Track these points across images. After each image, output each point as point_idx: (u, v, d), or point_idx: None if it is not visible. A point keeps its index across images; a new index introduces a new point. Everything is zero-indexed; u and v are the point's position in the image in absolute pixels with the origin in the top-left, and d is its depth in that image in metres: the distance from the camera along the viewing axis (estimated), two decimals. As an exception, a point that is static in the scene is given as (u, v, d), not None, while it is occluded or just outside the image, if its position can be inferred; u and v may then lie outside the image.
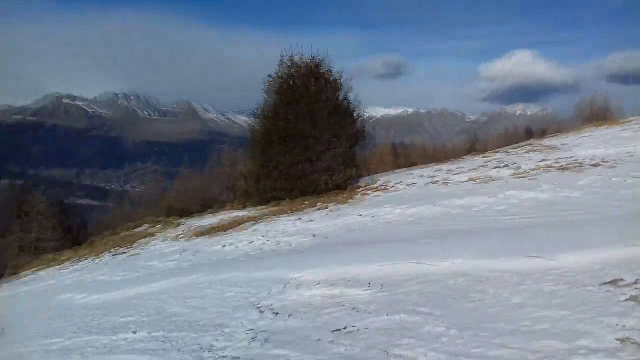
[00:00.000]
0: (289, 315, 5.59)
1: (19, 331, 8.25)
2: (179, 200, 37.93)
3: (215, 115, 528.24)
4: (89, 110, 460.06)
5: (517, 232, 7.40)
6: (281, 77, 18.39)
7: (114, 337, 6.23)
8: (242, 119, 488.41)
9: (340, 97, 18.81)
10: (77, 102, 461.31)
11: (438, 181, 14.45)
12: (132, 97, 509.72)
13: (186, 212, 29.46)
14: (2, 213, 29.09)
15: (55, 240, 26.73)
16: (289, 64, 18.33)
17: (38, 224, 26.73)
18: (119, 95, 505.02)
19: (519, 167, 13.88)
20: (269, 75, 18.75)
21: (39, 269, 16.44)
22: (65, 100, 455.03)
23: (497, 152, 19.65)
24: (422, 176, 15.95)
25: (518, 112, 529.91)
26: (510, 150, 18.88)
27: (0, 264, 24.40)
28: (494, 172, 13.94)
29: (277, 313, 5.73)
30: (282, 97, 18.04)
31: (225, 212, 18.47)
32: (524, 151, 17.58)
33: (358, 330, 4.74)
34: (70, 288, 10.98)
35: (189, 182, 41.20)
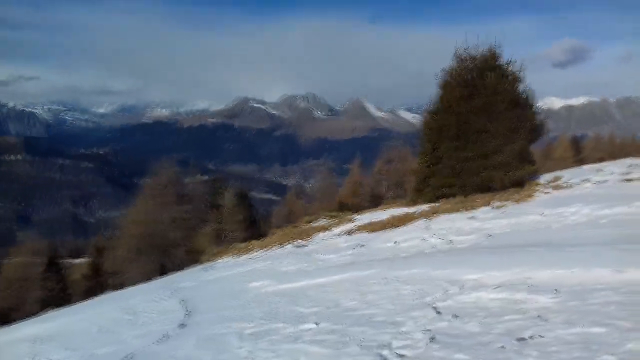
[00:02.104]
0: (468, 318, 5.33)
1: (212, 314, 8.94)
2: (350, 195, 39.05)
3: (384, 113, 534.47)
4: (271, 112, 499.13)
5: None
6: (455, 71, 17.79)
7: (298, 327, 6.47)
8: (410, 116, 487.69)
9: (519, 89, 17.59)
10: (261, 105, 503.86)
11: (633, 179, 12.65)
12: (308, 98, 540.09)
13: (357, 208, 30.22)
14: (201, 206, 32.87)
15: (242, 231, 29.51)
16: (464, 56, 17.66)
17: (229, 215, 29.74)
18: (297, 97, 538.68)
19: None
20: (443, 70, 18.27)
21: (229, 257, 18.16)
22: (251, 104, 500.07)
23: None
24: (612, 173, 14.14)
25: None
26: None
27: (198, 251, 27.75)
28: None
29: (455, 315, 5.50)
30: (455, 91, 17.45)
31: (395, 208, 18.48)
32: None
33: (547, 342, 4.32)
34: (259, 276, 11.71)
35: (359, 178, 42.14)
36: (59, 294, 35.64)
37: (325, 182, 47.22)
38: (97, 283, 38.38)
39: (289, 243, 16.36)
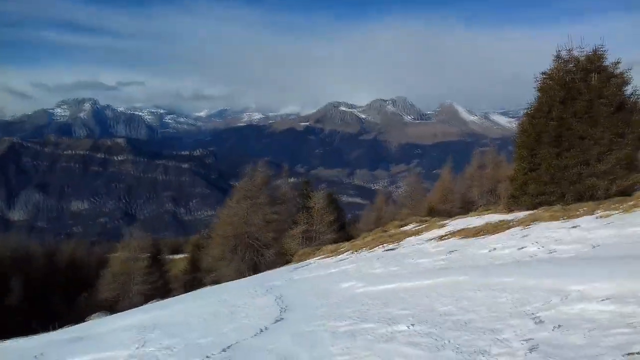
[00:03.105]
0: (572, 329, 5.12)
1: (305, 312, 9.19)
2: (440, 201, 38.33)
3: (476, 117, 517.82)
4: (360, 116, 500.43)
5: None
6: (556, 73, 16.97)
7: (391, 328, 6.50)
8: (504, 120, 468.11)
9: (626, 92, 16.42)
10: (344, 109, 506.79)
11: None
12: (397, 102, 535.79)
13: (447, 213, 29.62)
14: (291, 208, 33.77)
15: (331, 233, 30.00)
16: (566, 57, 16.79)
17: (318, 217, 30.33)
18: (387, 102, 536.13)
19: None
20: (542, 73, 17.49)
21: (319, 257, 18.51)
22: (341, 108, 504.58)
23: None
24: None
25: None
26: None
27: (289, 252, 28.54)
28: None
29: (558, 326, 5.30)
30: (556, 94, 16.63)
31: (489, 215, 17.95)
32: None
33: (660, 358, 4.07)
34: (349, 277, 11.87)
35: (450, 184, 41.23)
36: (160, 287, 38.07)
37: (414, 187, 46.63)
38: (195, 278, 40.62)
39: (379, 246, 16.40)
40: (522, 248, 10.60)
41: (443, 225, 17.75)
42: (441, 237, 14.95)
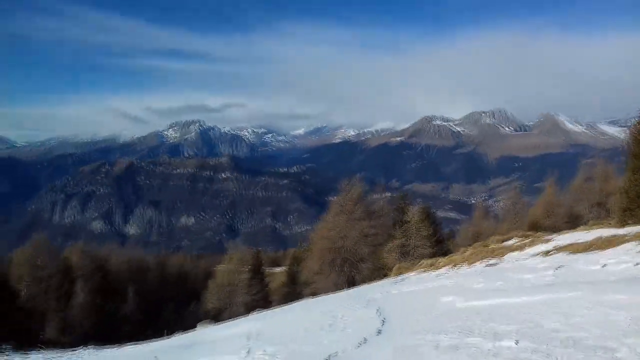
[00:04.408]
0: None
1: (405, 325, 9.18)
2: (544, 215, 36.40)
3: (580, 127, 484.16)
4: (456, 130, 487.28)
5: None
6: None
7: (496, 344, 6.41)
8: (613, 130, 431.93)
9: None
10: (439, 122, 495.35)
11: None
12: (494, 114, 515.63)
13: (551, 229, 28.11)
14: (387, 222, 33.75)
15: (428, 247, 29.58)
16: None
17: (415, 232, 30.09)
18: (482, 114, 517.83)
19: None
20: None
21: (416, 272, 18.43)
22: (435, 122, 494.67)
23: None
24: None
25: None
26: None
27: (385, 266, 28.56)
28: None
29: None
30: (672, 100, 15.48)
31: (599, 229, 16.93)
32: None
33: None
34: (450, 292, 11.77)
35: (554, 198, 39.02)
36: (261, 299, 39.52)
37: (515, 201, 44.63)
38: (294, 291, 41.72)
39: (479, 261, 16.06)
40: (637, 264, 10.00)
41: (548, 240, 16.99)
42: (547, 253, 14.37)
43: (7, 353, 19.46)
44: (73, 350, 19.17)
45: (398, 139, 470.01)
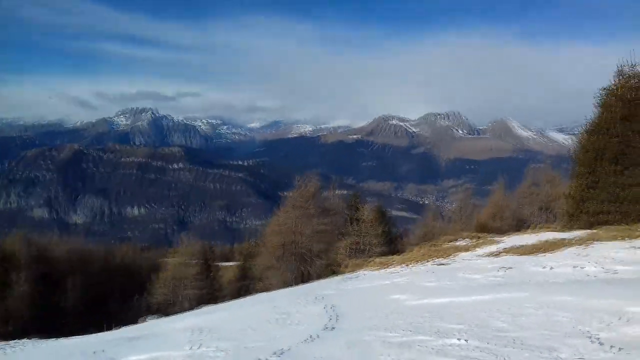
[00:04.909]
0: (632, 352, 5.03)
1: (356, 322, 9.26)
2: (492, 218, 37.47)
3: (530, 133, 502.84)
4: (411, 130, 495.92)
5: None
6: (617, 89, 16.48)
7: (444, 342, 6.52)
8: (561, 137, 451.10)
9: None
10: (396, 122, 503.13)
11: None
12: (449, 116, 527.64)
13: (499, 231, 28.93)
14: (340, 219, 33.83)
15: (380, 245, 29.89)
16: (628, 74, 16.30)
17: (367, 230, 30.32)
18: (437, 116, 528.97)
19: None
20: (603, 89, 17.02)
21: (369, 269, 18.57)
22: (391, 121, 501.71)
23: None
24: None
25: None
26: None
27: (337, 263, 28.63)
28: None
29: (618, 348, 5.21)
30: (617, 111, 16.15)
31: (545, 232, 17.51)
32: None
33: None
34: (402, 290, 11.89)
35: (503, 201, 40.25)
36: (210, 293, 38.93)
37: (465, 202, 45.77)
38: (244, 286, 41.32)
39: (430, 261, 16.31)
40: (582, 267, 10.36)
41: (497, 242, 17.45)
42: (496, 254, 14.73)
43: None
44: (14, 342, 18.33)
45: (354, 136, 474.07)
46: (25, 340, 18.47)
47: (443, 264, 15.11)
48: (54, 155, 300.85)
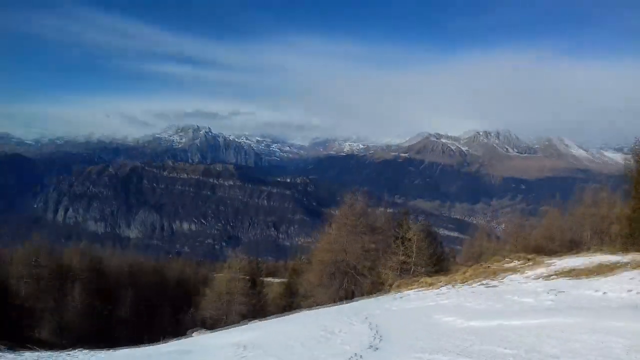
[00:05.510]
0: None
1: (402, 343, 9.14)
2: (546, 239, 36.26)
3: (580, 152, 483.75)
4: (461, 148, 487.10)
5: None
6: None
7: None
8: (619, 157, 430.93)
9: None
10: (445, 140, 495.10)
11: None
12: (500, 135, 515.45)
13: (553, 253, 27.96)
14: (388, 238, 33.53)
15: (428, 265, 29.42)
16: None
17: (416, 249, 29.95)
18: (487, 134, 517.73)
19: None
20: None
21: (416, 289, 18.35)
22: (433, 139, 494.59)
23: None
24: None
25: None
26: None
27: (384, 281, 28.41)
28: None
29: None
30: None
31: (601, 255, 16.85)
32: None
33: None
34: (449, 311, 11.74)
35: (557, 222, 38.91)
36: (258, 309, 39.32)
37: (517, 223, 44.52)
38: (291, 302, 41.53)
39: (479, 282, 15.97)
40: (637, 292, 9.94)
41: (549, 264, 16.91)
42: (547, 276, 14.30)
43: (0, 352, 19.41)
44: (66, 352, 19.11)
45: (403, 155, 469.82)
46: (77, 350, 19.14)
47: (491, 286, 14.78)
48: (113, 171, 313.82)
